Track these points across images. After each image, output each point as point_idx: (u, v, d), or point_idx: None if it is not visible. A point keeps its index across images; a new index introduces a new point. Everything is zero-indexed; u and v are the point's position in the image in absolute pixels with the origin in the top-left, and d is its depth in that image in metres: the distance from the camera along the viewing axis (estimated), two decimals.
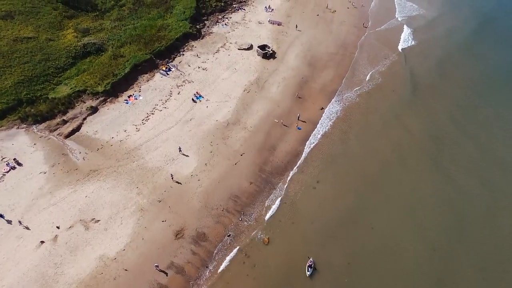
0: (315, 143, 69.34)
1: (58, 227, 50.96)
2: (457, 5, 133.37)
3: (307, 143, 69.15)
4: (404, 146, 70.34)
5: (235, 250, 51.51)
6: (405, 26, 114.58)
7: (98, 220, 52.43)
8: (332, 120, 74.45)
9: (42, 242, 49.27)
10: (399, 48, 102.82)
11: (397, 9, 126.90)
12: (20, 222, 51.04)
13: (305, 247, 52.50)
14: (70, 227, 51.27)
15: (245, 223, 54.96)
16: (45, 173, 58.11)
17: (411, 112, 78.54)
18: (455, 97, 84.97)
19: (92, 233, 50.96)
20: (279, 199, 58.70)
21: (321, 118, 75.11)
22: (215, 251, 51.18)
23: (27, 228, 50.72)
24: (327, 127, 72.84)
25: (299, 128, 71.91)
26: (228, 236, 52.93)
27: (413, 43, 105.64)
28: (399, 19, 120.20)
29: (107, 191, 56.20)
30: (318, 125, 73.21)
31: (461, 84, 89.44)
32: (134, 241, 50.60)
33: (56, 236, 50.04)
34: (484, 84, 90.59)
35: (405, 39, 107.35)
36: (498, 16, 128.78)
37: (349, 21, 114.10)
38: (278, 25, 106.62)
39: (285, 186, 60.89)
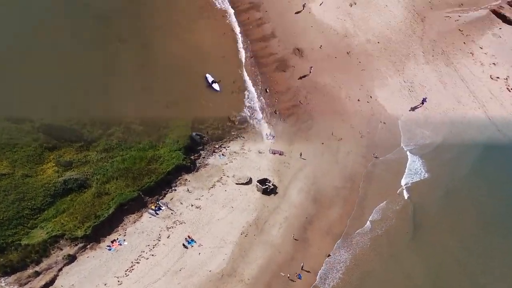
0: None
1: None
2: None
3: None
4: None
5: None
6: (414, 156, 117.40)
7: None
8: (340, 272, 73.03)
9: None
10: (409, 182, 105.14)
11: (406, 137, 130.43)
12: None
13: None
14: None
15: None
16: None
17: (421, 263, 77.75)
18: (468, 244, 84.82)
19: None
20: None
21: (328, 268, 73.83)
22: None
23: None
24: (335, 280, 71.13)
25: (299, 277, 70.34)
26: None
27: (426, 175, 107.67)
28: (408, 147, 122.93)
29: None
30: (324, 278, 71.39)
31: (477, 229, 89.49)
32: None
33: None
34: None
35: (416, 171, 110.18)
36: None
37: (356, 150, 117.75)
38: (280, 154, 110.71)
39: None
